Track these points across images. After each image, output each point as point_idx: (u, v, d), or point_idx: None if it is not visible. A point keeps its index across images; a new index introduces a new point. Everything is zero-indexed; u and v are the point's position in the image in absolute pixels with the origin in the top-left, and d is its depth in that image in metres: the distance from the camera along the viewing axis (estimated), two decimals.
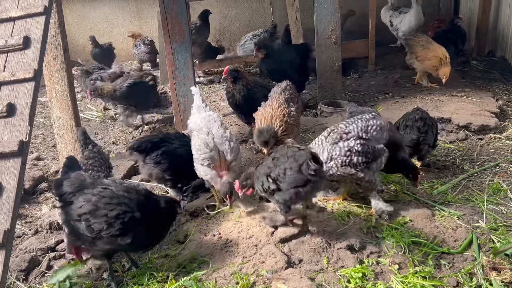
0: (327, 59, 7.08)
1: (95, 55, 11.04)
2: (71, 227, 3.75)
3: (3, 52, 4.11)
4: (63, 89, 5.52)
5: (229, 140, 4.53)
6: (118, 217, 3.58)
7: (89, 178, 3.87)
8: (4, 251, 3.24)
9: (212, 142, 4.46)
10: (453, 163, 5.34)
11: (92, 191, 3.69)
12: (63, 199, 3.71)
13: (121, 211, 3.60)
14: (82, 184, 3.76)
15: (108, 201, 3.62)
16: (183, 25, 6.65)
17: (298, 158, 3.72)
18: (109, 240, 3.60)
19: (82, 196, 3.67)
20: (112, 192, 3.69)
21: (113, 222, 3.56)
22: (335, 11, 6.80)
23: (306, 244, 3.88)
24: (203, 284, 3.55)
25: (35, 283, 4.11)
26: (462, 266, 3.64)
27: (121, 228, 3.57)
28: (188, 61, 6.79)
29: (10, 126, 3.74)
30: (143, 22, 12.16)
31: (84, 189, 3.71)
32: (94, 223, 3.58)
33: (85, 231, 3.62)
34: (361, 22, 9.88)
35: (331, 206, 4.51)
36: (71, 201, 3.68)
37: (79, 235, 3.73)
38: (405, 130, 4.99)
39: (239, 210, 4.49)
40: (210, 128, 4.55)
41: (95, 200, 3.62)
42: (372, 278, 3.49)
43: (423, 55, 7.59)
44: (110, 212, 3.58)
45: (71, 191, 3.71)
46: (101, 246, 3.65)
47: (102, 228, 3.57)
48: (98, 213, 3.58)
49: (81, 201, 3.64)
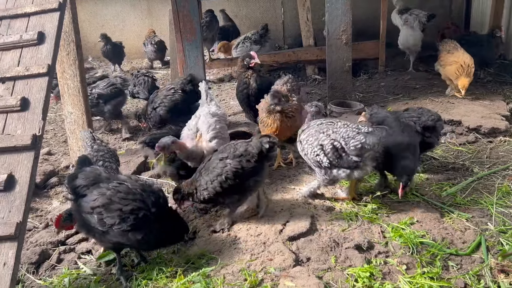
0: (337, 59, 7.09)
1: (106, 52, 11.09)
2: (81, 220, 3.78)
3: (17, 47, 4.17)
4: (75, 85, 5.57)
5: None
6: (132, 213, 3.61)
7: (105, 173, 3.90)
8: (16, 243, 3.29)
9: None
10: (462, 165, 5.33)
11: (107, 185, 3.72)
12: (77, 191, 3.74)
13: (135, 207, 3.63)
14: (97, 178, 3.79)
15: (123, 196, 3.65)
16: (195, 23, 6.70)
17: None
18: (120, 234, 3.64)
19: (97, 190, 3.69)
20: (128, 188, 3.71)
21: (126, 218, 3.59)
22: (347, 11, 6.81)
23: (314, 243, 3.89)
24: (212, 280, 3.57)
25: (45, 276, 4.16)
26: (470, 268, 3.64)
27: (134, 224, 3.60)
28: (199, 59, 6.84)
29: (23, 120, 3.79)
30: (154, 20, 12.21)
31: (99, 183, 3.74)
32: (106, 217, 3.61)
33: (97, 224, 3.65)
34: (371, 23, 9.87)
35: (340, 205, 4.53)
36: (85, 194, 3.71)
37: (89, 228, 3.77)
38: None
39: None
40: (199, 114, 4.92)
41: (110, 194, 3.65)
42: (380, 278, 3.50)
43: (445, 60, 7.34)
44: (125, 207, 3.61)
45: (85, 184, 3.74)
46: (110, 239, 3.69)
47: (114, 223, 3.60)
48: (112, 207, 3.61)
49: (95, 195, 3.67)
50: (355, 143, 4.10)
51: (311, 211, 4.36)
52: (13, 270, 3.22)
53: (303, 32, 9.42)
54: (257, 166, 4.11)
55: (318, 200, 4.64)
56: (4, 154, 3.64)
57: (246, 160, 4.05)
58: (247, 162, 4.05)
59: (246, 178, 4.09)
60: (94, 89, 7.30)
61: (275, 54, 9.48)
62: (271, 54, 9.40)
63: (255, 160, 4.06)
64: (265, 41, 10.00)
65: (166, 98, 6.41)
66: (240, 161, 4.05)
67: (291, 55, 9.21)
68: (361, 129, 4.20)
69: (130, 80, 8.83)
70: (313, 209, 4.43)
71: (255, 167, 4.10)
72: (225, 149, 4.20)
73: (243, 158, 4.06)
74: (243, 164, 4.04)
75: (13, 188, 3.50)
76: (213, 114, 4.88)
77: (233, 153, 4.10)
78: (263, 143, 4.07)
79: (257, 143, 4.09)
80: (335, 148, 4.16)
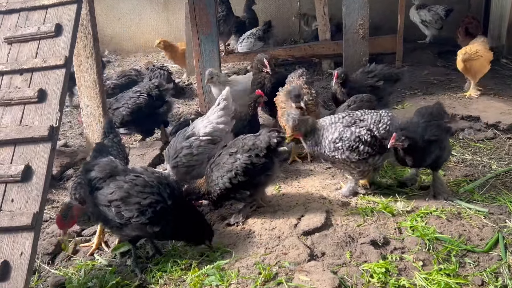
0: (354, 53, 7.04)
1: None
2: (97, 212, 3.80)
3: (35, 39, 4.18)
4: (92, 78, 5.59)
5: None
6: (151, 206, 3.61)
7: (121, 165, 3.92)
8: (33, 233, 3.31)
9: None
10: (480, 162, 5.26)
11: (124, 178, 3.73)
12: (92, 184, 3.76)
13: (153, 200, 3.63)
14: (113, 170, 3.80)
15: (141, 190, 3.66)
16: (211, 16, 6.68)
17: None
18: (137, 227, 3.65)
19: (114, 183, 3.70)
20: (145, 181, 3.72)
21: (145, 211, 3.60)
22: (364, 5, 6.74)
23: (329, 238, 3.87)
24: (226, 273, 3.58)
25: (61, 267, 4.19)
26: (487, 265, 3.58)
27: (152, 217, 3.61)
28: (214, 52, 6.82)
29: (40, 111, 3.81)
30: (170, 13, 12.21)
31: (115, 176, 3.75)
32: (125, 210, 3.62)
33: (114, 217, 3.66)
34: (389, 18, 9.75)
35: (355, 201, 4.49)
36: (101, 187, 3.72)
37: (106, 220, 3.79)
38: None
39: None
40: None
41: (127, 187, 3.66)
42: (396, 274, 3.47)
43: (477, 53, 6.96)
44: (143, 200, 3.61)
45: (101, 176, 3.75)
46: (128, 232, 3.71)
47: (132, 216, 3.61)
48: (130, 200, 3.62)
49: (112, 188, 3.68)
50: (383, 126, 4.28)
51: (326, 206, 4.34)
52: (30, 260, 3.24)
53: (320, 26, 9.33)
54: (267, 162, 4.13)
55: (333, 195, 4.62)
56: (22, 145, 3.67)
57: (255, 155, 4.06)
58: (257, 157, 4.06)
59: (257, 174, 4.10)
60: (108, 80, 7.37)
61: (291, 48, 9.42)
62: (286, 49, 9.35)
63: (263, 155, 4.06)
64: (268, 37, 9.94)
65: (130, 100, 6.34)
66: (250, 156, 4.06)
67: (307, 49, 9.13)
68: (382, 112, 4.39)
69: (146, 74, 8.87)
70: (328, 204, 4.41)
71: (265, 163, 4.11)
72: (234, 144, 4.21)
73: (252, 152, 4.07)
74: (252, 160, 4.05)
75: (30, 179, 3.52)
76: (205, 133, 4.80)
77: (242, 147, 4.10)
78: (271, 137, 4.08)
79: (266, 137, 4.10)
80: (373, 136, 4.26)
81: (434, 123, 4.42)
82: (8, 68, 4.06)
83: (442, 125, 4.47)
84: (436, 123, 4.43)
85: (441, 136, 4.38)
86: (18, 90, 3.93)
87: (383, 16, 10.23)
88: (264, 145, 4.08)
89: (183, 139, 4.75)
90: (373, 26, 9.49)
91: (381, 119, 4.35)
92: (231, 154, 4.13)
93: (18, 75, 4.04)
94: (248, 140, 4.16)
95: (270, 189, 4.70)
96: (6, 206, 3.45)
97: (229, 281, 3.48)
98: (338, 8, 8.12)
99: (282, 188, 4.77)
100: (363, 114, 4.43)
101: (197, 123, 4.89)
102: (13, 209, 3.42)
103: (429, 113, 4.53)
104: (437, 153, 4.34)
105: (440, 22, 9.65)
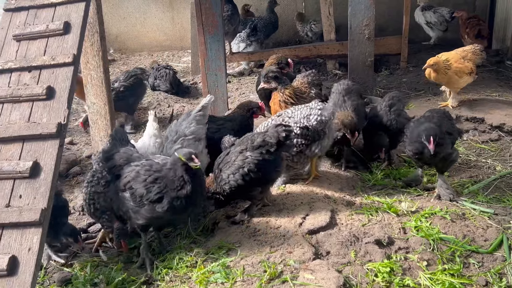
0: (359, 54, 7.05)
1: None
2: (118, 200, 3.94)
3: (44, 37, 4.21)
4: (99, 76, 5.62)
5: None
6: (155, 182, 3.74)
7: (136, 153, 4.11)
8: (41, 229, 3.34)
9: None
10: (485, 163, 5.28)
11: (136, 163, 3.93)
12: (112, 171, 3.98)
13: (157, 176, 3.76)
14: (129, 158, 4.01)
15: (148, 169, 3.83)
16: (217, 16, 6.70)
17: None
18: (149, 208, 3.75)
19: (128, 168, 3.91)
20: (153, 162, 3.90)
21: (150, 187, 3.73)
22: (370, 6, 6.75)
23: (333, 237, 3.89)
24: (231, 270, 3.59)
25: (67, 263, 4.22)
26: (491, 266, 3.60)
27: (158, 192, 3.71)
28: (220, 52, 6.84)
29: (49, 108, 3.84)
30: (175, 12, 12.23)
31: (130, 163, 3.96)
32: (136, 189, 3.77)
33: (130, 200, 3.81)
34: (394, 19, 9.77)
35: (360, 200, 4.51)
36: (119, 174, 3.91)
37: (125, 208, 3.91)
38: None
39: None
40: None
41: (138, 169, 3.85)
42: (400, 274, 3.49)
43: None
44: (149, 177, 3.76)
45: (119, 164, 3.97)
46: (144, 214, 3.80)
47: (143, 194, 3.74)
48: (138, 179, 3.79)
49: (127, 172, 3.88)
50: (314, 117, 4.63)
51: (331, 205, 4.36)
52: (38, 255, 3.27)
53: (325, 26, 9.35)
54: (277, 157, 4.19)
55: (338, 194, 4.64)
56: (30, 142, 3.70)
57: (266, 151, 4.10)
58: (268, 153, 4.10)
59: (269, 169, 4.14)
60: (116, 82, 7.36)
61: (296, 48, 9.43)
62: (291, 49, 9.36)
63: (274, 150, 4.11)
64: (250, 41, 10.03)
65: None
66: (261, 152, 4.10)
67: (312, 50, 9.15)
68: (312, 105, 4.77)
69: (151, 73, 8.91)
70: (333, 203, 4.43)
71: (276, 159, 4.16)
72: (242, 142, 4.24)
73: (263, 148, 4.11)
74: (264, 156, 4.10)
75: (38, 175, 3.55)
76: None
77: (251, 145, 4.13)
78: (279, 131, 4.12)
79: (274, 132, 4.14)
80: (303, 127, 4.62)
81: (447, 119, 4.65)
82: (16, 65, 4.08)
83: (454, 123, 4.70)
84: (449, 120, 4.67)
85: (454, 133, 4.55)
86: (26, 87, 3.96)
87: (389, 17, 10.25)
88: (274, 140, 4.11)
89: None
90: (378, 27, 9.50)
91: (311, 111, 4.65)
92: (241, 152, 4.15)
93: (26, 72, 4.07)
94: (256, 137, 4.19)
95: (275, 188, 4.72)
96: (14, 202, 3.48)
97: (234, 279, 3.50)
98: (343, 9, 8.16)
99: (287, 187, 4.79)
100: (293, 111, 4.74)
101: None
102: (21, 205, 3.45)
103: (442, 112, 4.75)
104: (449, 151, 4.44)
105: (445, 24, 9.67)
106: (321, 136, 4.67)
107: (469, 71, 6.39)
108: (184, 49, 11.99)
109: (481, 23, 8.80)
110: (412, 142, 4.40)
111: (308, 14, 11.16)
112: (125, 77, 7.52)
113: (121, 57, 12.18)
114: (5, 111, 3.91)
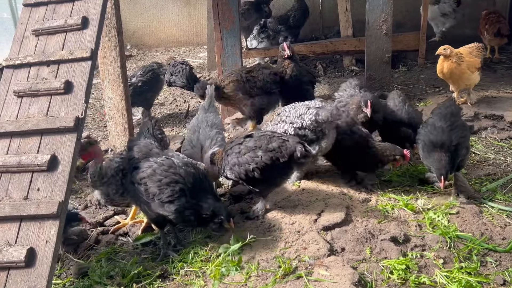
0: (376, 50, 7.00)
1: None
2: (133, 191, 4.01)
3: (62, 32, 4.26)
4: (116, 71, 5.65)
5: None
6: (169, 185, 3.75)
7: (156, 148, 4.16)
8: (58, 221, 3.39)
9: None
10: (503, 161, 5.20)
11: (155, 159, 3.95)
12: (131, 162, 4.04)
13: (173, 180, 3.77)
14: (148, 152, 4.07)
15: (166, 169, 3.83)
16: (233, 11, 6.69)
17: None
18: (159, 205, 3.79)
19: (147, 162, 3.94)
20: (172, 162, 3.90)
21: (164, 189, 3.75)
22: (388, 1, 6.70)
23: (349, 233, 3.87)
24: (246, 265, 3.60)
25: (84, 256, 4.27)
26: (509, 265, 3.56)
27: (170, 195, 3.74)
28: (236, 47, 6.84)
29: (67, 102, 3.89)
30: (192, 8, 12.26)
31: (149, 157, 3.99)
32: (150, 187, 3.79)
33: (143, 194, 3.86)
34: (412, 15, 9.67)
35: (376, 197, 4.48)
36: (137, 166, 3.95)
37: (137, 197, 3.98)
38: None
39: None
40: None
41: (155, 166, 3.87)
42: (416, 271, 3.46)
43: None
44: (164, 178, 3.78)
45: (137, 156, 4.04)
46: (154, 209, 3.85)
47: (155, 193, 3.77)
48: (154, 178, 3.81)
49: (145, 167, 3.90)
50: (309, 116, 4.49)
51: (346, 202, 4.33)
52: (55, 247, 3.32)
53: (342, 22, 9.29)
54: (287, 168, 4.14)
55: (353, 191, 4.61)
56: (48, 136, 3.75)
57: (276, 158, 4.02)
58: (277, 161, 4.03)
59: (274, 175, 4.13)
60: (134, 77, 7.42)
61: (312, 44, 9.38)
62: (307, 44, 9.31)
63: (284, 161, 4.03)
64: (262, 38, 10.02)
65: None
66: (272, 158, 4.02)
67: (328, 46, 9.10)
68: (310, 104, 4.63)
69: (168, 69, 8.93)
70: (349, 200, 4.41)
71: (284, 168, 4.12)
72: (260, 138, 4.17)
73: (274, 154, 4.03)
74: (274, 162, 4.02)
75: (56, 169, 3.60)
76: (212, 124, 4.87)
77: (266, 145, 4.08)
78: (297, 148, 4.01)
79: (292, 146, 4.04)
80: (299, 127, 4.52)
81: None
82: (35, 59, 4.14)
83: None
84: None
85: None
86: (45, 81, 4.01)
87: (406, 13, 10.13)
88: (288, 152, 4.01)
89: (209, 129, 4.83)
90: (396, 23, 9.41)
91: (307, 111, 4.51)
92: (254, 148, 4.09)
93: (45, 66, 4.12)
94: (275, 140, 4.10)
95: (290, 184, 4.71)
96: (32, 194, 3.54)
97: (249, 274, 3.51)
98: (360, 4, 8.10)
99: (302, 183, 4.77)
100: (290, 109, 4.64)
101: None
102: (39, 198, 3.50)
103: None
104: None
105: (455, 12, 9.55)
106: (319, 137, 4.52)
107: (479, 65, 6.34)
108: (201, 45, 12.01)
109: (502, 20, 8.62)
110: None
111: (325, 9, 11.09)
112: (143, 72, 7.57)
113: (138, 52, 12.25)
114: (24, 105, 3.97)
